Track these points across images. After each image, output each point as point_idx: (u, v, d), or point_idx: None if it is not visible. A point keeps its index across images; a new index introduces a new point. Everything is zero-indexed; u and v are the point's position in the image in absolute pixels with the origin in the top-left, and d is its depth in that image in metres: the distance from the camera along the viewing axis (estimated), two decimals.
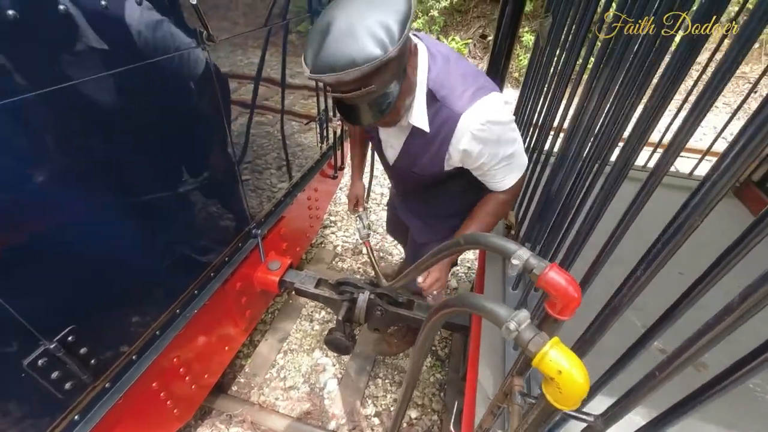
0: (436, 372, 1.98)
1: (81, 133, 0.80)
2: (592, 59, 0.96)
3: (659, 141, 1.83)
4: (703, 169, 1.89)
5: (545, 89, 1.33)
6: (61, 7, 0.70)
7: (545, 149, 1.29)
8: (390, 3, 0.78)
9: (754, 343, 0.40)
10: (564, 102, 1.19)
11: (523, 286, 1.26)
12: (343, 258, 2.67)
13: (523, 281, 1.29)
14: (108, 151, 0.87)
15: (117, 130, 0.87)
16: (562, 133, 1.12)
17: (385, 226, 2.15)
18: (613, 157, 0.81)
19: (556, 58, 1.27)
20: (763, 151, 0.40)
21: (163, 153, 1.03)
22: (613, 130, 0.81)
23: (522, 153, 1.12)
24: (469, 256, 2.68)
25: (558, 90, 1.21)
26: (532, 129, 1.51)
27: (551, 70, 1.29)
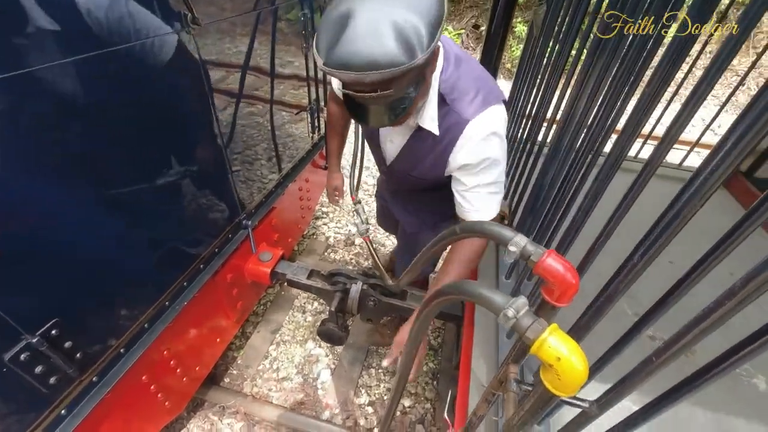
0: (429, 361, 2.00)
1: (60, 121, 0.76)
2: (586, 50, 0.96)
3: (650, 133, 1.86)
4: (691, 161, 1.94)
5: (539, 80, 1.33)
6: None
7: (538, 140, 1.30)
8: (422, 1, 0.69)
9: (743, 327, 0.40)
10: (557, 92, 1.19)
11: (516, 275, 1.27)
12: (336, 249, 2.66)
13: (516, 270, 1.30)
14: (90, 140, 0.83)
15: (95, 118, 0.83)
16: (555, 124, 1.12)
17: (375, 218, 2.12)
18: (606, 149, 0.82)
19: (549, 48, 1.26)
20: (759, 142, 0.40)
21: (145, 141, 0.99)
22: (607, 122, 0.81)
23: (503, 182, 1.06)
24: None
25: (552, 80, 1.21)
26: (525, 120, 1.51)
27: (545, 61, 1.29)
